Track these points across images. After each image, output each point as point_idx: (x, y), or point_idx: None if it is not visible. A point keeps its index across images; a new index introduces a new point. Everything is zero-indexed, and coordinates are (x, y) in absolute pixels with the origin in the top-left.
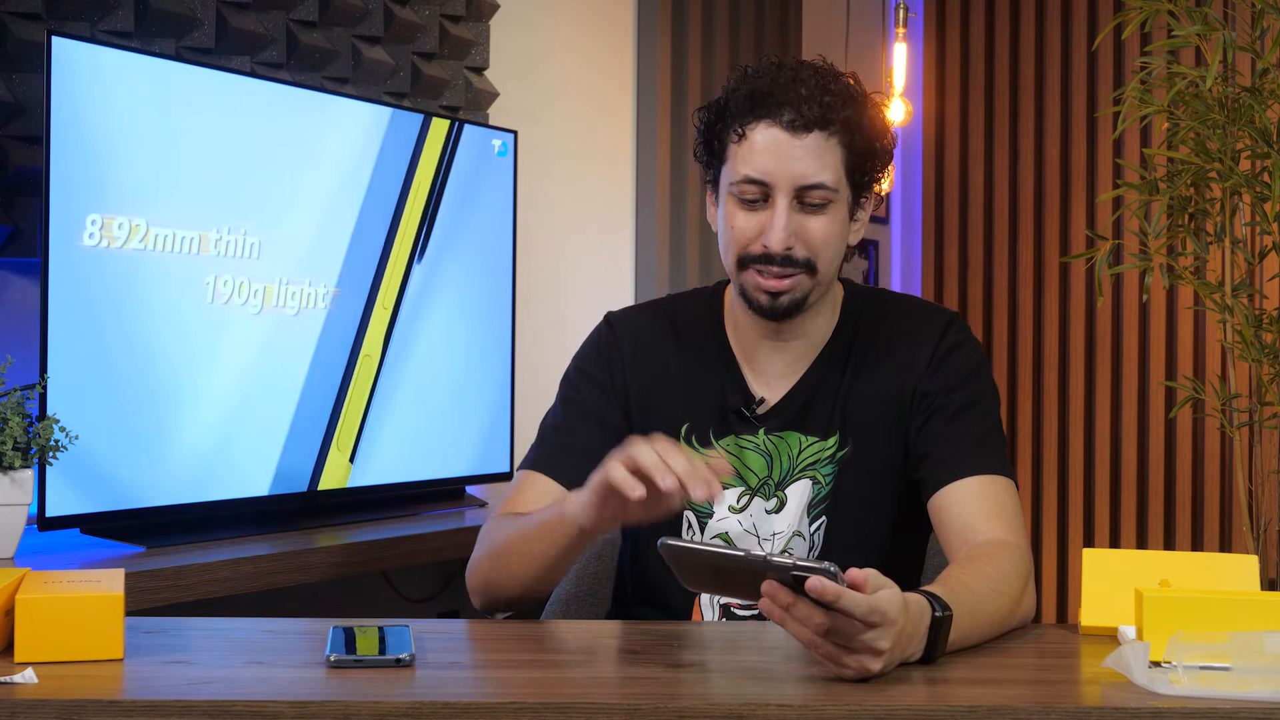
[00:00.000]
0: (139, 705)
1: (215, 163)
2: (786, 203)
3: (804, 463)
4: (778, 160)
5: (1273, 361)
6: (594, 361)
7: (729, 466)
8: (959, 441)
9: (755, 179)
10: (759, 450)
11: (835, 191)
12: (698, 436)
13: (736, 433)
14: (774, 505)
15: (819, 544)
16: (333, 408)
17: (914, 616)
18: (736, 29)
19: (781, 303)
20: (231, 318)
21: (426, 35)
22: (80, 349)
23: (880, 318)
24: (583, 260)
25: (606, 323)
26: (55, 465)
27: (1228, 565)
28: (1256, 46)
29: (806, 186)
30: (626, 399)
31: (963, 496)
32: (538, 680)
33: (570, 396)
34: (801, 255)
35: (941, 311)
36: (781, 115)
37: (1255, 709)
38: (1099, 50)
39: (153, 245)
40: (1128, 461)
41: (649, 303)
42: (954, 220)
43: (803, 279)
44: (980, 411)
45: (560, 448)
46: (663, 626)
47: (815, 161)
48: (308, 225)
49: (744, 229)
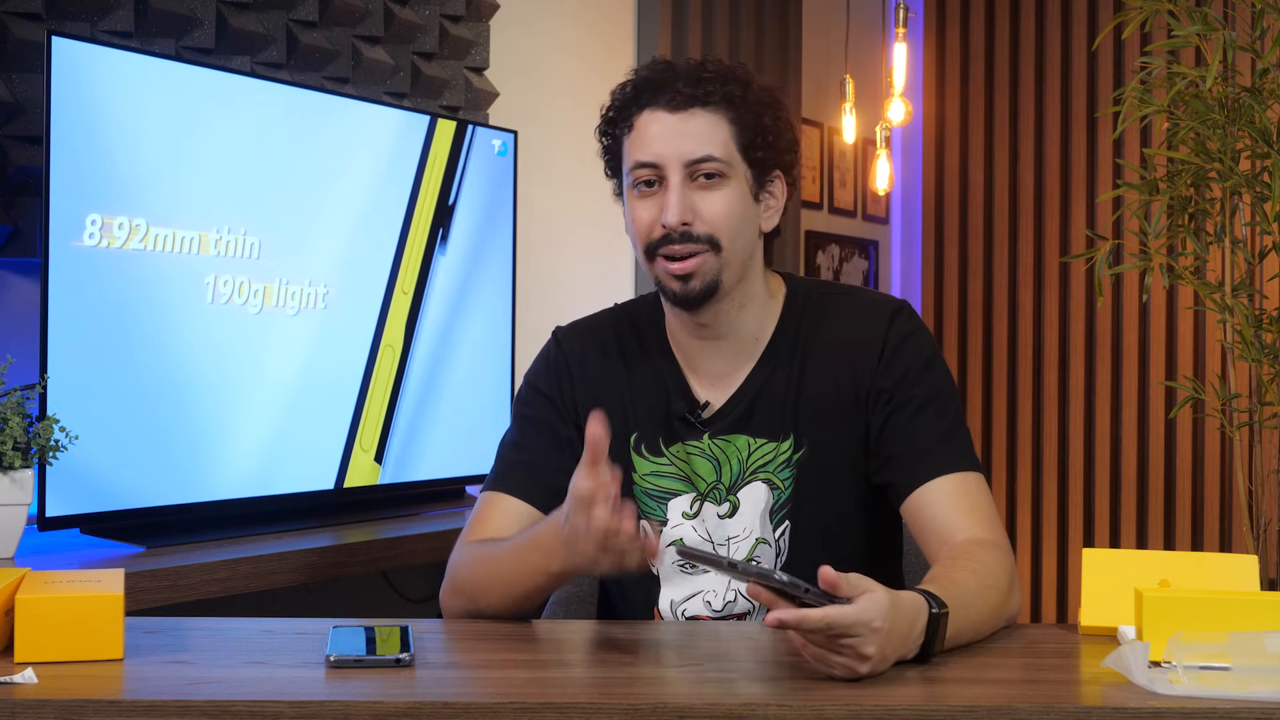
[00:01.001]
0: (139, 705)
1: (215, 163)
2: (679, 179)
3: (754, 465)
4: (664, 140)
5: (1273, 361)
6: (543, 377)
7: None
8: (925, 440)
9: (645, 161)
10: (705, 455)
11: (726, 164)
12: (647, 445)
13: (683, 439)
14: (726, 510)
15: (785, 549)
16: (333, 408)
17: (907, 615)
18: (736, 29)
19: (692, 287)
20: (231, 318)
21: (426, 35)
22: (80, 349)
23: (824, 311)
24: (583, 260)
25: (554, 338)
26: (55, 465)
27: (1228, 565)
28: (1256, 46)
29: (695, 160)
30: (577, 412)
31: (936, 498)
32: (538, 680)
33: (524, 413)
34: (701, 231)
35: (887, 300)
36: (661, 98)
37: (1255, 709)
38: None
39: (153, 245)
40: (1128, 461)
41: (596, 314)
42: (954, 220)
43: (708, 258)
44: (941, 405)
45: (518, 464)
46: (663, 627)
47: (700, 136)
48: (307, 225)
49: (643, 218)
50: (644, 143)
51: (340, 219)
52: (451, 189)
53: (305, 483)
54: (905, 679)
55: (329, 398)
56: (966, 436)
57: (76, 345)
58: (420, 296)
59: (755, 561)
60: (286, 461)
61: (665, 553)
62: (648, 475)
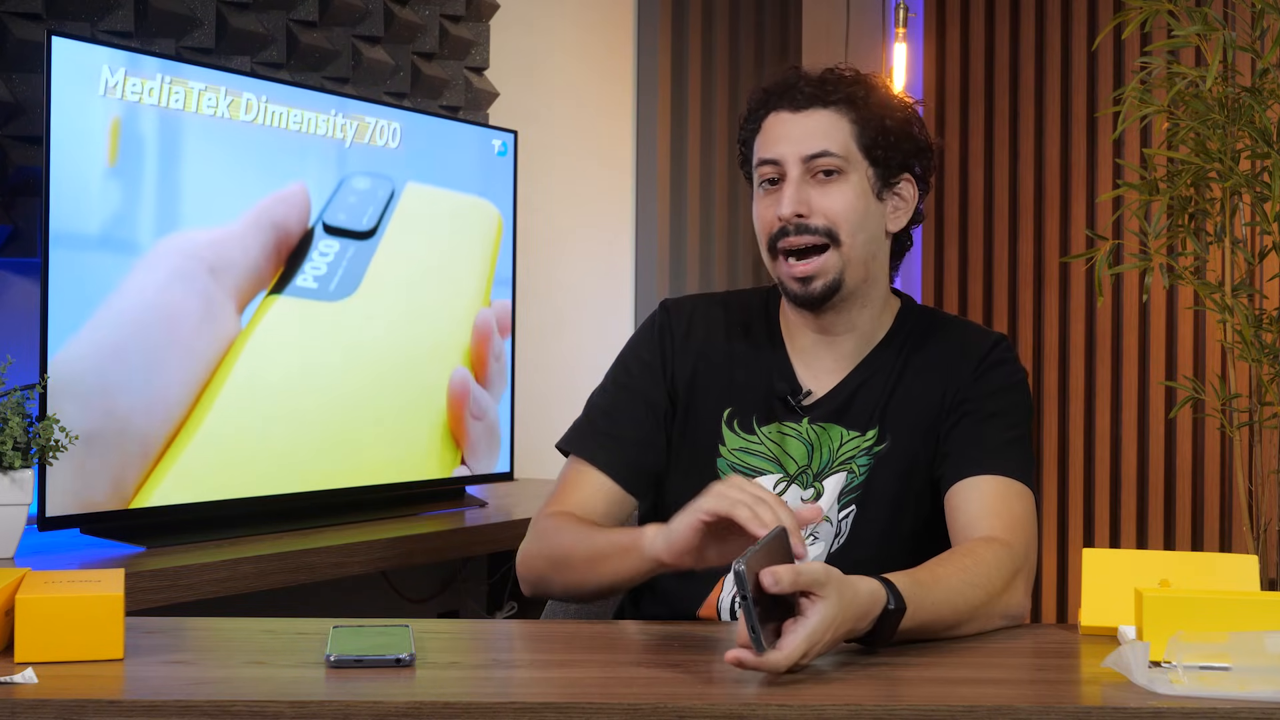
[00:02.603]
0: (139, 705)
1: (215, 163)
2: (797, 174)
3: (843, 455)
4: (785, 138)
5: (1273, 361)
6: (647, 344)
7: (819, 514)
8: (982, 442)
9: (768, 159)
10: (801, 439)
11: (843, 159)
12: (740, 421)
13: (780, 419)
14: (810, 495)
15: (845, 531)
16: (333, 407)
17: (861, 607)
18: (736, 29)
19: (814, 288)
20: (231, 318)
21: (426, 35)
22: (80, 349)
23: (933, 328)
24: (583, 260)
25: (663, 308)
26: (55, 465)
27: (1228, 565)
28: (1256, 46)
29: (811, 155)
30: (674, 382)
31: (973, 494)
32: (538, 680)
33: (621, 380)
34: (818, 224)
35: (992, 332)
36: (786, 99)
37: (1255, 709)
38: (1099, 50)
39: (153, 245)
40: (1128, 461)
41: (707, 294)
42: (954, 220)
43: (829, 257)
44: (1010, 421)
45: (608, 435)
46: (663, 626)
47: (819, 133)
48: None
49: (764, 214)
50: (768, 142)
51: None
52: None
53: (305, 483)
54: (905, 679)
55: (329, 397)
56: (1025, 454)
57: (76, 345)
58: (419, 296)
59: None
60: (286, 461)
61: None
62: (736, 450)
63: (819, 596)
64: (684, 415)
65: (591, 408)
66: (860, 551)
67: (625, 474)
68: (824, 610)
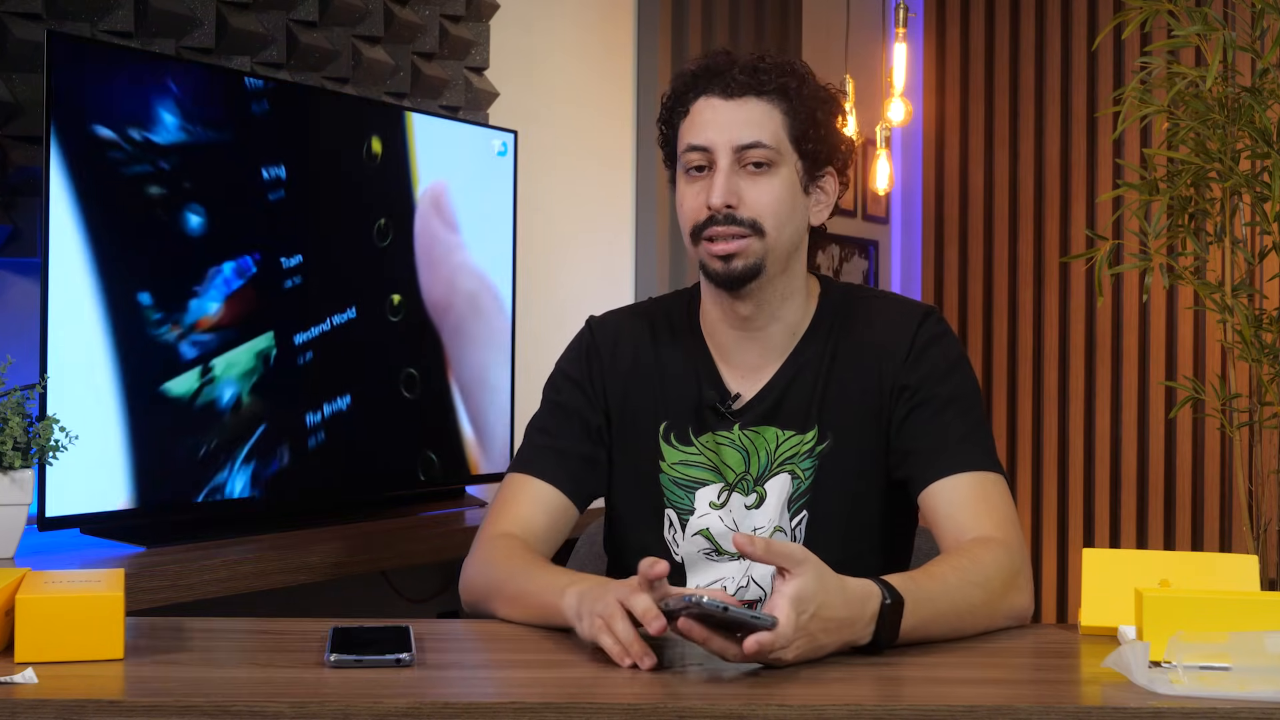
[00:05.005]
0: (139, 705)
1: (215, 163)
2: (727, 163)
3: (782, 457)
4: (716, 125)
5: (1273, 361)
6: (575, 364)
7: (665, 568)
8: (945, 437)
9: (696, 145)
10: (735, 446)
11: (774, 151)
12: (676, 435)
13: (713, 429)
14: (753, 500)
15: (801, 538)
16: (333, 407)
17: (853, 602)
18: (736, 29)
19: (735, 267)
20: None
21: (426, 35)
22: (80, 349)
23: (856, 311)
24: (583, 260)
25: (588, 326)
26: (55, 465)
27: (1228, 565)
28: (1256, 46)
29: (744, 146)
30: (606, 400)
31: (952, 496)
32: (538, 680)
33: (554, 399)
34: (745, 215)
35: (917, 305)
36: (717, 85)
37: (1255, 709)
38: (1099, 50)
39: (152, 245)
40: (1128, 461)
41: (630, 305)
42: (954, 220)
43: (752, 242)
44: (964, 406)
45: (546, 448)
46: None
47: (752, 123)
48: (307, 225)
49: (690, 201)
50: (697, 127)
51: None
52: (450, 187)
53: (305, 483)
54: (905, 679)
55: (329, 396)
56: (989, 439)
57: (76, 345)
58: (419, 296)
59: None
60: (286, 461)
61: (692, 540)
62: (676, 464)
63: (794, 575)
64: (620, 432)
65: (530, 431)
66: (823, 555)
67: (566, 483)
68: (799, 583)
